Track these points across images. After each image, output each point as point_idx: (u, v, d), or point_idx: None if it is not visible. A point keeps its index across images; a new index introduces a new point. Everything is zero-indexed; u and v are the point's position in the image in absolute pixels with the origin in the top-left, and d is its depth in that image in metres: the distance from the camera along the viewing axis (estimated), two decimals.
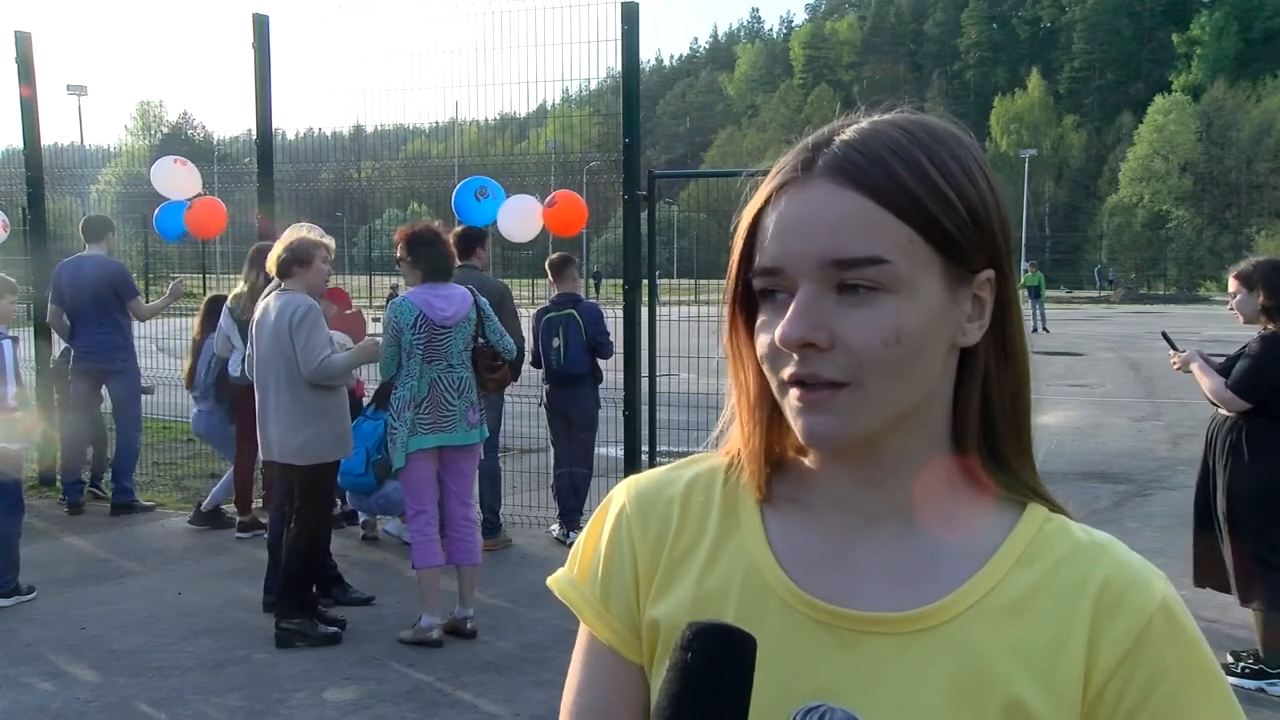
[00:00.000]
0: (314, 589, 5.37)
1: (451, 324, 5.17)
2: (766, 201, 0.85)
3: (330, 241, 5.37)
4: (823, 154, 0.83)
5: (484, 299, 5.42)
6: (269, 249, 6.92)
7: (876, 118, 0.86)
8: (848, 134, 0.84)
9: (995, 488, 0.89)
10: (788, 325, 0.80)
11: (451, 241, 5.69)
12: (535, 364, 7.04)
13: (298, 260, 5.13)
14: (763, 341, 0.85)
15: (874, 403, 0.81)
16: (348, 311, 6.70)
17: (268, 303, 5.22)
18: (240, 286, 6.84)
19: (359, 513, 7.22)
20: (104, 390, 7.91)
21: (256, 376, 5.24)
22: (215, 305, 7.45)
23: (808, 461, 0.92)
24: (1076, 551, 0.86)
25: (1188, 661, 0.83)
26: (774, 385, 0.85)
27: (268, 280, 6.71)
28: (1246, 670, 4.74)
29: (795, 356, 0.81)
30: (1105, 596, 0.83)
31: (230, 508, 7.50)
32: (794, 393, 0.82)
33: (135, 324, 8.07)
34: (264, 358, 5.17)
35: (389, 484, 6.26)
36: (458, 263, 5.69)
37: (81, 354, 7.73)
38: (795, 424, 0.84)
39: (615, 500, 0.98)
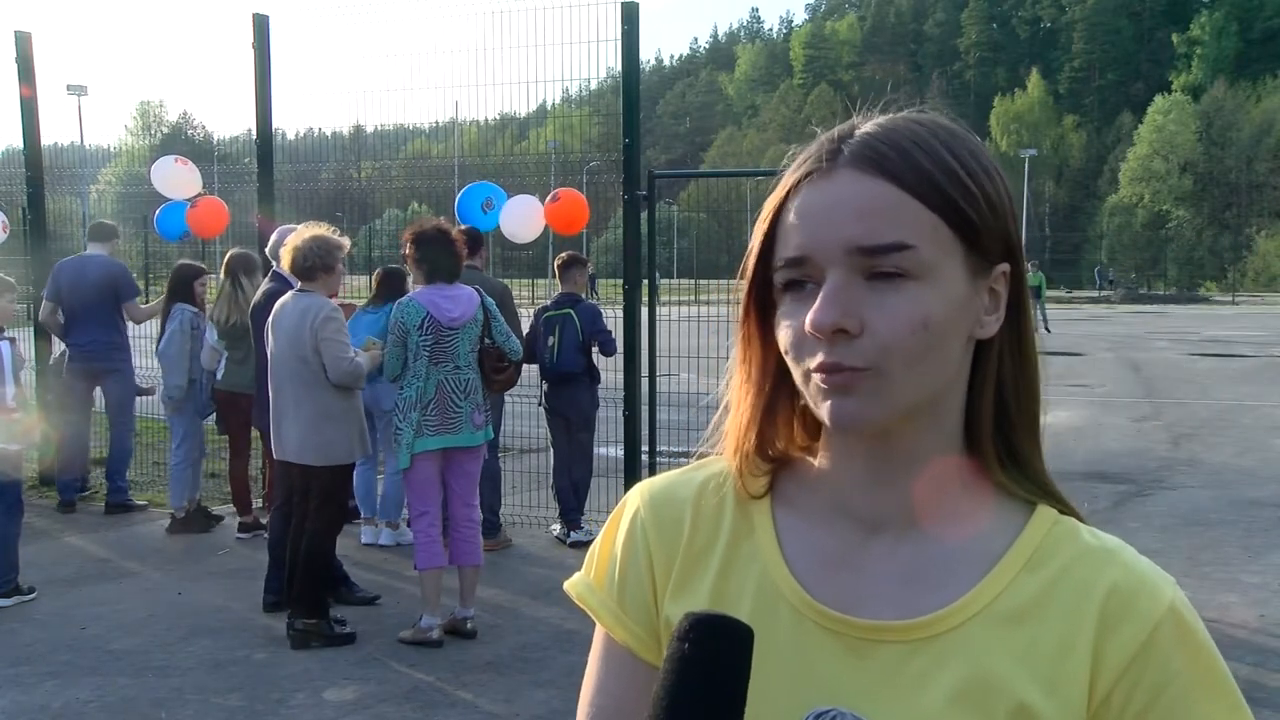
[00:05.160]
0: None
1: (458, 325, 5.15)
2: (788, 193, 0.85)
3: (346, 242, 5.38)
4: (847, 145, 0.84)
5: (490, 299, 5.41)
6: (244, 256, 6.96)
7: (892, 114, 0.88)
8: (869, 127, 0.85)
9: (1007, 486, 0.89)
10: (820, 311, 0.80)
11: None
12: (529, 360, 7.04)
13: (323, 266, 5.13)
14: (787, 330, 0.85)
15: (896, 388, 0.82)
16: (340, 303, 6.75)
17: (285, 303, 5.21)
18: (219, 291, 6.91)
19: (360, 511, 7.23)
20: (98, 391, 7.92)
21: (272, 377, 5.25)
22: (180, 277, 7.50)
23: (816, 461, 0.92)
24: (1084, 556, 0.86)
25: (1196, 665, 0.83)
26: (798, 374, 0.85)
27: (236, 285, 6.75)
28: None
29: (823, 343, 0.81)
30: (1112, 602, 0.83)
31: (228, 508, 7.51)
32: (818, 378, 0.82)
33: (132, 325, 8.08)
34: (281, 359, 5.17)
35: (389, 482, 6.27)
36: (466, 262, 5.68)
37: (77, 353, 7.74)
38: (820, 408, 0.83)
39: (630, 504, 0.98)
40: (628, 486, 1.03)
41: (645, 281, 7.15)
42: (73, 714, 4.45)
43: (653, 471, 6.14)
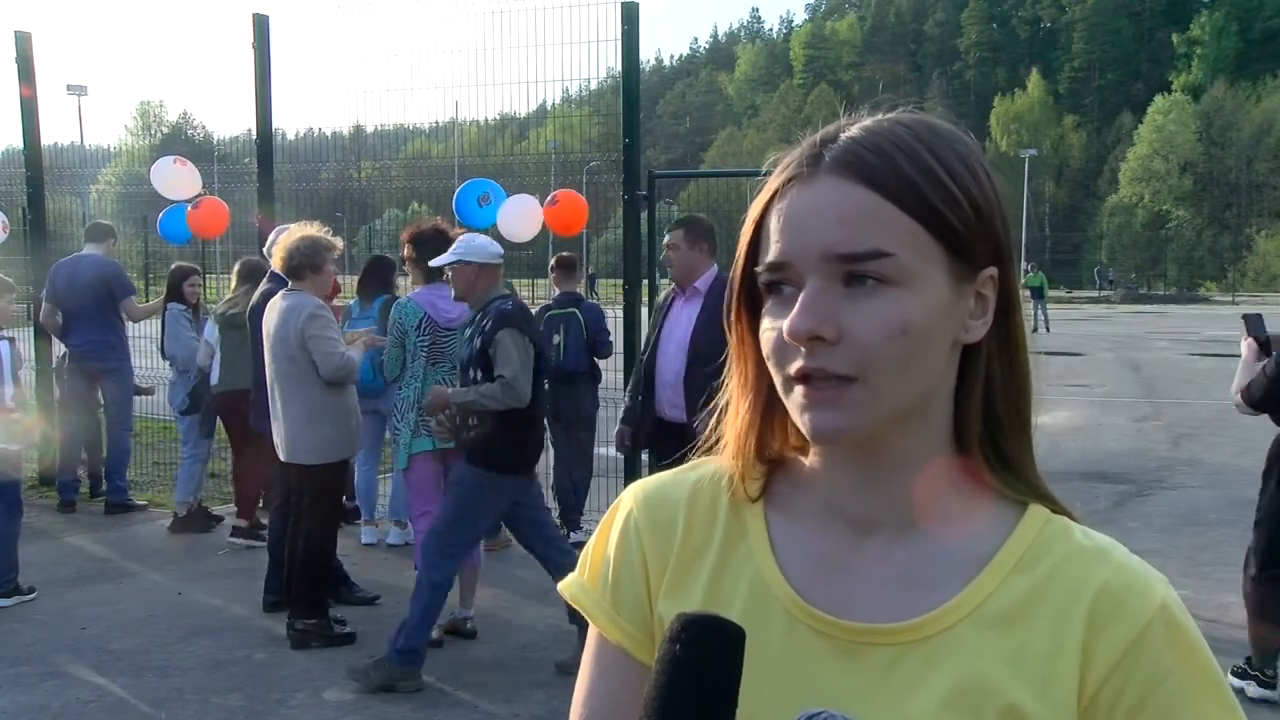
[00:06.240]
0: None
1: (456, 325, 5.15)
2: (772, 196, 0.85)
3: (339, 243, 5.38)
4: (829, 150, 0.84)
5: None
6: (256, 264, 6.95)
7: (880, 116, 0.87)
8: (853, 131, 0.85)
9: (997, 488, 0.89)
10: (796, 318, 0.80)
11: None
12: None
13: (310, 265, 5.12)
14: (768, 335, 0.85)
15: (880, 397, 0.81)
16: (334, 304, 6.74)
17: (274, 304, 5.21)
18: (230, 294, 6.91)
19: (360, 511, 7.23)
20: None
21: (267, 378, 5.25)
22: (172, 279, 7.51)
23: (808, 462, 0.92)
24: (1075, 556, 0.86)
25: (1188, 664, 0.82)
26: (779, 381, 0.85)
27: (251, 288, 6.74)
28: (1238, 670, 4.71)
29: (802, 350, 0.81)
30: (1102, 601, 0.83)
31: (228, 508, 7.50)
32: (799, 389, 0.82)
33: (132, 324, 8.09)
34: (271, 359, 5.17)
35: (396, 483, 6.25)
36: None
37: (75, 353, 7.75)
38: (800, 420, 0.83)
39: (623, 505, 0.98)
40: (627, 486, 1.04)
41: (645, 281, 7.15)
42: (73, 714, 4.45)
43: (652, 472, 6.14)
